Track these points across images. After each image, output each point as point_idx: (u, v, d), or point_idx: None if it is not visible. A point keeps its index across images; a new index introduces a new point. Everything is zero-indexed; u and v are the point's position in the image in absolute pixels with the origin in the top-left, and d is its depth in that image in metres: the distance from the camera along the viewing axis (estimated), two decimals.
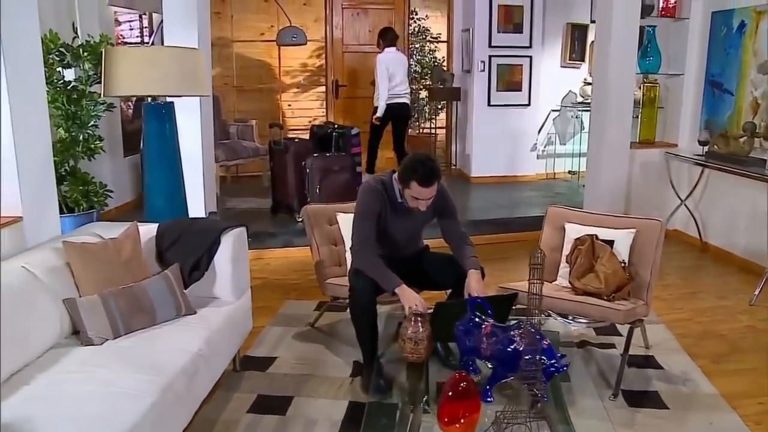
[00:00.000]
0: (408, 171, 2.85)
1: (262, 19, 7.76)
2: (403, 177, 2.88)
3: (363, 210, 3.03)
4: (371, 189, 3.03)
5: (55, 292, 2.51)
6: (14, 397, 2.07)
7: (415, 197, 2.87)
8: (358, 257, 3.00)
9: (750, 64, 4.73)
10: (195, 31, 4.45)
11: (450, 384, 1.87)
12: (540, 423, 1.77)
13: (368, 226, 3.00)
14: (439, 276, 3.11)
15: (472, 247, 3.10)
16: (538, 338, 1.97)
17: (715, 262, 4.98)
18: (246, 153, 6.80)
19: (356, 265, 3.04)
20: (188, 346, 2.49)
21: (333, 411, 2.83)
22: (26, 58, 2.79)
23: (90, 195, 4.30)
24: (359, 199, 3.06)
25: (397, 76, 6.47)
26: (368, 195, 3.02)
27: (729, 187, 4.95)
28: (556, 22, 7.37)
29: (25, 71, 2.79)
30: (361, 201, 3.04)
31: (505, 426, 1.79)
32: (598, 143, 5.36)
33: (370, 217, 3.00)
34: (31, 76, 2.84)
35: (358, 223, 3.04)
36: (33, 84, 2.87)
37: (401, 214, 3.05)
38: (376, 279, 2.89)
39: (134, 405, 2.05)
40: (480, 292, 2.82)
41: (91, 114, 4.26)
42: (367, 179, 3.12)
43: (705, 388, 3.06)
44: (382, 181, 3.05)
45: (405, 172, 2.87)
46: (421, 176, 2.81)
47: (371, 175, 2.98)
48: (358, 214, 3.05)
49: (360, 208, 3.04)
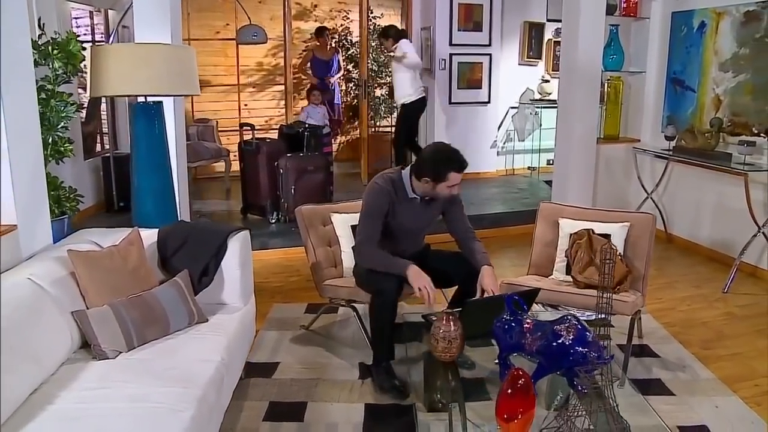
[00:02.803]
0: (442, 164, 2.87)
1: (218, 17, 7.57)
2: (435, 171, 2.88)
3: (370, 210, 3.00)
4: (379, 189, 3.00)
5: (62, 304, 2.37)
6: (42, 417, 1.95)
7: (450, 186, 2.91)
8: (363, 253, 3.00)
9: (711, 63, 4.95)
10: (168, 27, 4.28)
11: (508, 381, 1.86)
12: (600, 415, 1.80)
13: (374, 225, 2.99)
14: (450, 272, 3.10)
15: (480, 242, 3.12)
16: (585, 332, 2.00)
17: (681, 253, 5.18)
18: (208, 154, 6.62)
19: (362, 261, 3.03)
20: (210, 356, 2.40)
21: (351, 414, 2.79)
22: (17, 61, 2.61)
23: (61, 200, 4.08)
24: (366, 199, 3.03)
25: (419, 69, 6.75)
26: (376, 194, 3.00)
27: (693, 180, 5.16)
28: (514, 20, 7.50)
29: (16, 74, 2.61)
30: (369, 200, 3.01)
31: (567, 419, 1.81)
32: (565, 139, 5.49)
33: (377, 216, 2.99)
34: (22, 79, 2.66)
35: (363, 222, 3.02)
36: (24, 87, 2.68)
37: (411, 209, 3.04)
38: (384, 269, 2.91)
39: (174, 420, 1.96)
40: (494, 287, 2.85)
41: (61, 115, 4.03)
42: (375, 178, 3.07)
43: (703, 374, 3.18)
44: (391, 179, 3.02)
45: (438, 165, 2.88)
46: (458, 165, 2.89)
47: (382, 176, 2.95)
48: (364, 213, 3.02)
49: (367, 208, 3.01)
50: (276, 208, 5.42)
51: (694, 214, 5.21)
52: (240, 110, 7.90)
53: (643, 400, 2.46)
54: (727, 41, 4.79)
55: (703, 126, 4.95)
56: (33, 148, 2.76)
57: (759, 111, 4.53)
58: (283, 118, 7.93)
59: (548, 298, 3.20)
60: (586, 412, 1.79)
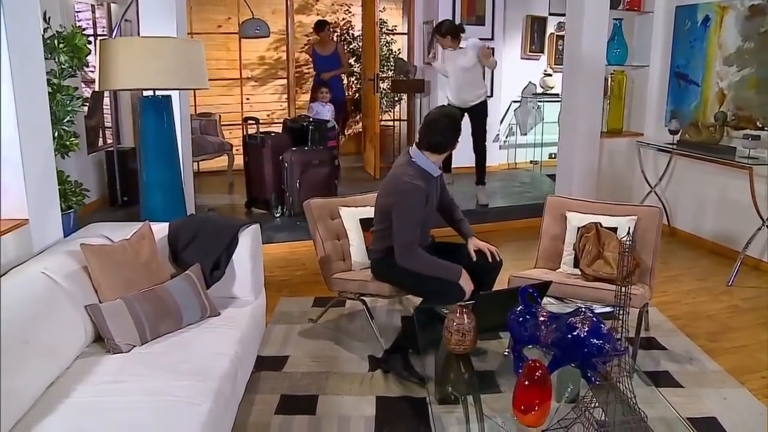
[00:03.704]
0: (457, 127, 3.00)
1: (220, 11, 7.56)
2: (455, 137, 2.99)
3: (412, 215, 2.91)
4: (417, 189, 2.91)
5: (76, 297, 2.38)
6: (60, 410, 1.95)
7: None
8: (414, 259, 2.91)
9: (715, 57, 4.96)
10: (173, 20, 4.28)
11: (526, 372, 1.88)
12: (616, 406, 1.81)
13: (416, 228, 2.93)
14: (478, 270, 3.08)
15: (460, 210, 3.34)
16: (600, 324, 2.01)
17: (685, 247, 5.20)
18: (212, 148, 6.61)
19: (413, 266, 2.92)
20: (224, 349, 2.41)
21: (363, 407, 2.80)
22: (28, 55, 2.61)
23: (67, 194, 4.07)
24: (407, 203, 2.91)
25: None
26: (418, 198, 2.91)
27: (696, 174, 5.18)
28: (516, 14, 7.50)
29: (28, 69, 2.60)
30: (410, 205, 2.90)
31: (584, 410, 1.82)
32: (569, 133, 5.50)
33: (419, 219, 2.94)
34: (33, 74, 2.65)
35: (406, 227, 2.90)
36: (35, 81, 2.68)
37: (435, 189, 3.09)
38: (438, 274, 2.89)
39: (192, 413, 1.97)
40: (490, 247, 3.09)
41: (66, 109, 4.02)
42: (403, 177, 2.94)
43: (710, 366, 3.20)
44: (417, 171, 2.95)
45: (457, 131, 3.00)
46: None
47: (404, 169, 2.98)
48: (406, 220, 2.90)
49: (409, 214, 2.90)
50: (281, 202, 5.43)
51: (698, 208, 5.22)
52: (242, 104, 7.89)
53: (654, 392, 2.47)
54: (732, 35, 4.79)
55: (707, 120, 4.96)
56: (44, 142, 2.76)
57: (763, 105, 4.54)
58: (285, 111, 7.94)
59: (557, 290, 3.21)
60: (601, 404, 1.80)
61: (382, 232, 3.09)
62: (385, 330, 3.50)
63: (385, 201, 3.04)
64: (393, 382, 3.02)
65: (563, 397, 2.20)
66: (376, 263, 3.21)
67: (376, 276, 3.21)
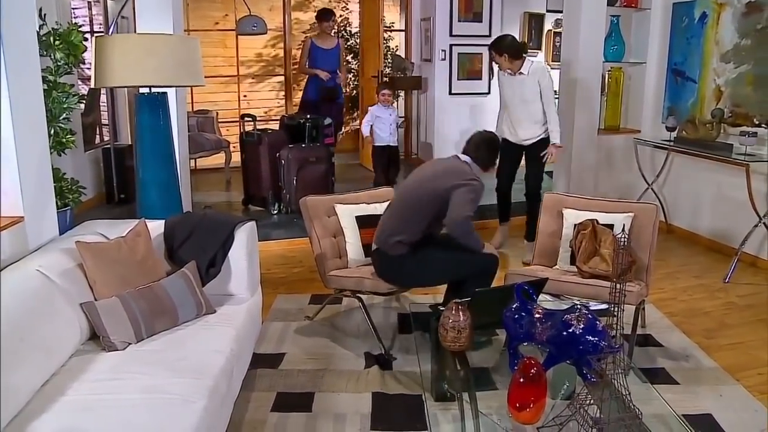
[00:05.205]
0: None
1: (217, 8, 7.54)
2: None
3: (476, 199, 3.20)
4: (482, 187, 3.23)
5: (71, 295, 2.37)
6: (56, 408, 1.95)
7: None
8: (470, 227, 3.20)
9: (712, 54, 4.95)
10: (170, 17, 4.27)
11: (521, 369, 1.88)
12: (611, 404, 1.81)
13: (473, 210, 3.19)
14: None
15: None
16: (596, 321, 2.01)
17: (682, 244, 5.21)
18: (209, 145, 6.60)
19: (466, 234, 3.19)
20: (220, 347, 2.41)
21: (359, 404, 2.80)
22: (23, 52, 2.60)
23: (64, 192, 4.07)
24: (476, 188, 3.18)
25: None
26: (481, 191, 3.22)
27: (693, 171, 5.18)
28: (514, 11, 7.50)
29: (23, 65, 2.60)
30: (477, 192, 3.19)
31: (579, 407, 1.82)
32: (566, 129, 5.48)
33: (476, 207, 3.20)
34: (28, 71, 2.65)
35: (470, 204, 3.15)
36: (30, 78, 2.67)
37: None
38: (476, 241, 3.23)
39: (188, 410, 1.97)
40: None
41: (63, 107, 4.01)
42: (472, 175, 3.25)
43: (706, 363, 3.21)
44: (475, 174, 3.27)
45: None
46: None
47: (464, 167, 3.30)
48: (471, 199, 3.16)
49: (474, 196, 3.18)
50: (278, 200, 5.42)
51: (695, 205, 5.23)
52: (240, 101, 7.88)
53: (650, 389, 2.48)
54: (729, 32, 4.79)
55: (704, 117, 4.96)
56: (39, 139, 2.75)
57: (760, 102, 4.54)
58: (283, 109, 7.93)
59: (554, 287, 3.21)
60: (596, 401, 1.80)
61: (418, 223, 3.17)
62: (382, 327, 3.50)
63: (442, 184, 3.17)
64: (389, 379, 3.02)
65: (559, 394, 2.21)
66: (399, 259, 3.18)
67: (391, 270, 3.22)
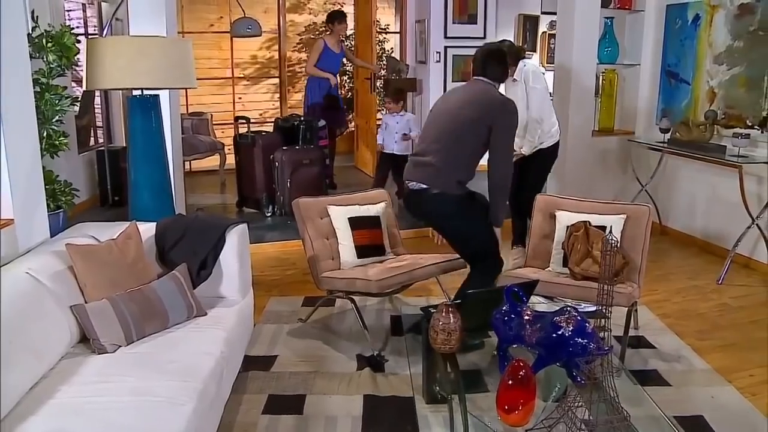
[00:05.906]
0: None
1: (211, 10, 7.55)
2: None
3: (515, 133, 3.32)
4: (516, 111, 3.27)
5: (60, 298, 2.37)
6: (44, 411, 1.94)
7: None
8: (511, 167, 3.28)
9: (705, 55, 4.97)
10: (163, 19, 4.27)
11: (509, 372, 1.88)
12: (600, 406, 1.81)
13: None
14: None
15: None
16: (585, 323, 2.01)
17: (676, 245, 5.21)
18: (204, 148, 6.60)
19: (507, 175, 3.25)
20: (210, 349, 2.40)
21: (350, 407, 2.80)
22: (13, 54, 2.59)
23: (56, 194, 4.05)
24: (515, 120, 3.26)
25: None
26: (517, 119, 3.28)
27: (687, 172, 5.19)
28: (508, 13, 7.51)
29: (13, 68, 2.59)
30: (516, 124, 3.28)
31: (567, 410, 1.82)
32: (561, 131, 5.48)
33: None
34: (18, 73, 2.64)
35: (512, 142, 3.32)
36: (20, 80, 2.66)
37: None
38: (505, 196, 3.28)
39: (176, 413, 1.96)
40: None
41: (56, 109, 4.00)
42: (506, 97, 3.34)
43: (698, 365, 3.21)
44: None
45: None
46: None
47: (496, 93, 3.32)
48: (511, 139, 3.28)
49: (512, 132, 3.27)
50: (272, 202, 5.42)
51: (689, 206, 5.24)
52: (234, 103, 7.88)
53: (640, 391, 2.48)
54: (722, 34, 4.80)
55: (698, 118, 4.97)
56: (30, 141, 2.74)
57: (753, 103, 4.55)
58: (277, 111, 7.92)
59: (546, 289, 3.21)
60: (585, 403, 1.80)
61: (468, 156, 3.25)
62: (374, 329, 3.50)
63: (482, 116, 3.17)
64: (381, 381, 3.02)
65: (550, 396, 2.21)
66: (457, 199, 3.26)
67: (443, 205, 3.26)
